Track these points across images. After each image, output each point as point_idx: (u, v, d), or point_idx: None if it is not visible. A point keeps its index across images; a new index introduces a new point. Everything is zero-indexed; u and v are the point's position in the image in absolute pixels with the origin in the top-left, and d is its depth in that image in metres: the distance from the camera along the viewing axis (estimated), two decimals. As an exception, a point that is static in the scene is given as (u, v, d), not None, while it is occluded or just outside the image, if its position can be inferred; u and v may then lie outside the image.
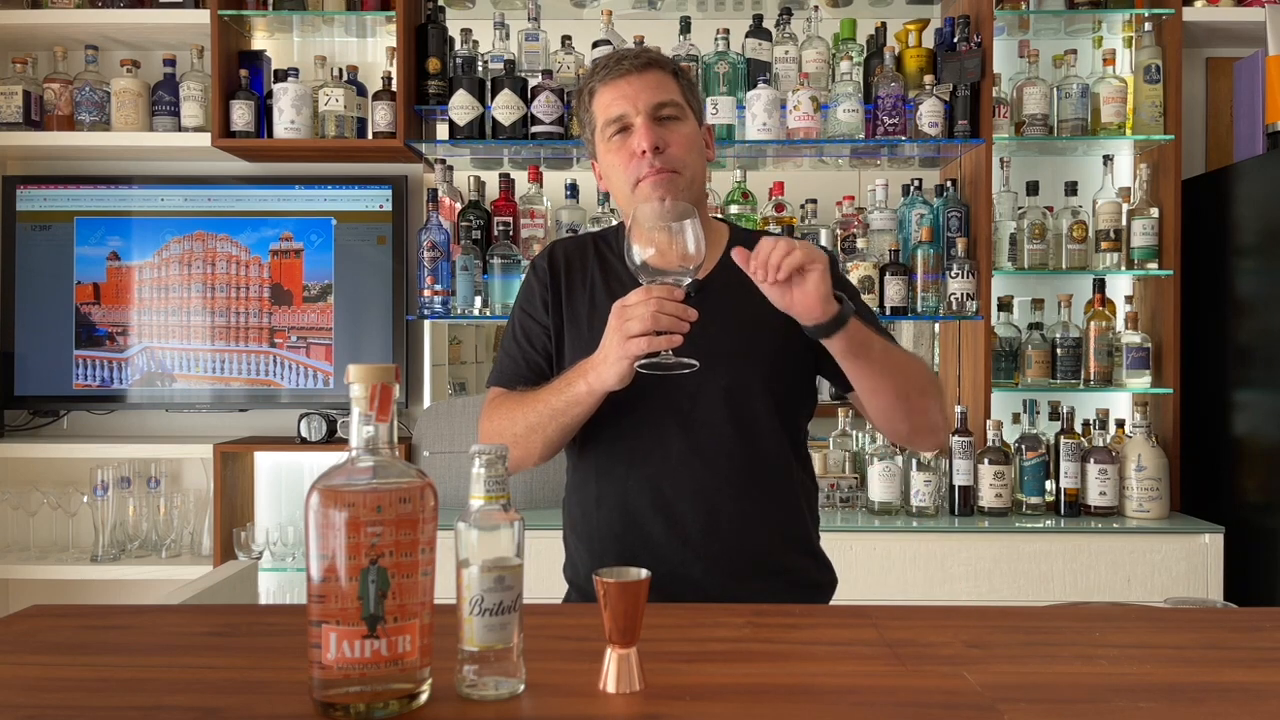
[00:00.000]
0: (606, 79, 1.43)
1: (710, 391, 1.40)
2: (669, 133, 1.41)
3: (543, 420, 1.36)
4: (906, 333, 4.15)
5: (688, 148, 1.42)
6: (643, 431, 1.41)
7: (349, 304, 2.89)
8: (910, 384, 1.37)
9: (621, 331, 1.24)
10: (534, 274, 1.52)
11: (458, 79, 2.75)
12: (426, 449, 2.79)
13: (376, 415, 0.85)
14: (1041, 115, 2.76)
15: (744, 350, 1.38)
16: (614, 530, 1.43)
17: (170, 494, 2.85)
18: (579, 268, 1.50)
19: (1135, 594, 2.45)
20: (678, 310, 1.23)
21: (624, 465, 1.43)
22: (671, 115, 1.42)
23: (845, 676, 0.95)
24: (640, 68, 1.42)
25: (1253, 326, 2.57)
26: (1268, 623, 1.16)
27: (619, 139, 1.42)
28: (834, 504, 2.71)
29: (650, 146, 1.38)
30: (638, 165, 1.39)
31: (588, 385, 1.31)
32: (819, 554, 1.52)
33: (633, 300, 1.24)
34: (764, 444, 1.43)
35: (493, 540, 0.88)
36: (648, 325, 1.22)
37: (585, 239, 1.56)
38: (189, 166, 3.00)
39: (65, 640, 1.08)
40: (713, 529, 1.40)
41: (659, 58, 1.46)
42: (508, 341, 1.53)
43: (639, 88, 1.41)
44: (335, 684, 0.82)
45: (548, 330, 1.49)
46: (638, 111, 1.40)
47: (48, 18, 2.81)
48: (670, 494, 1.40)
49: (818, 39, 2.82)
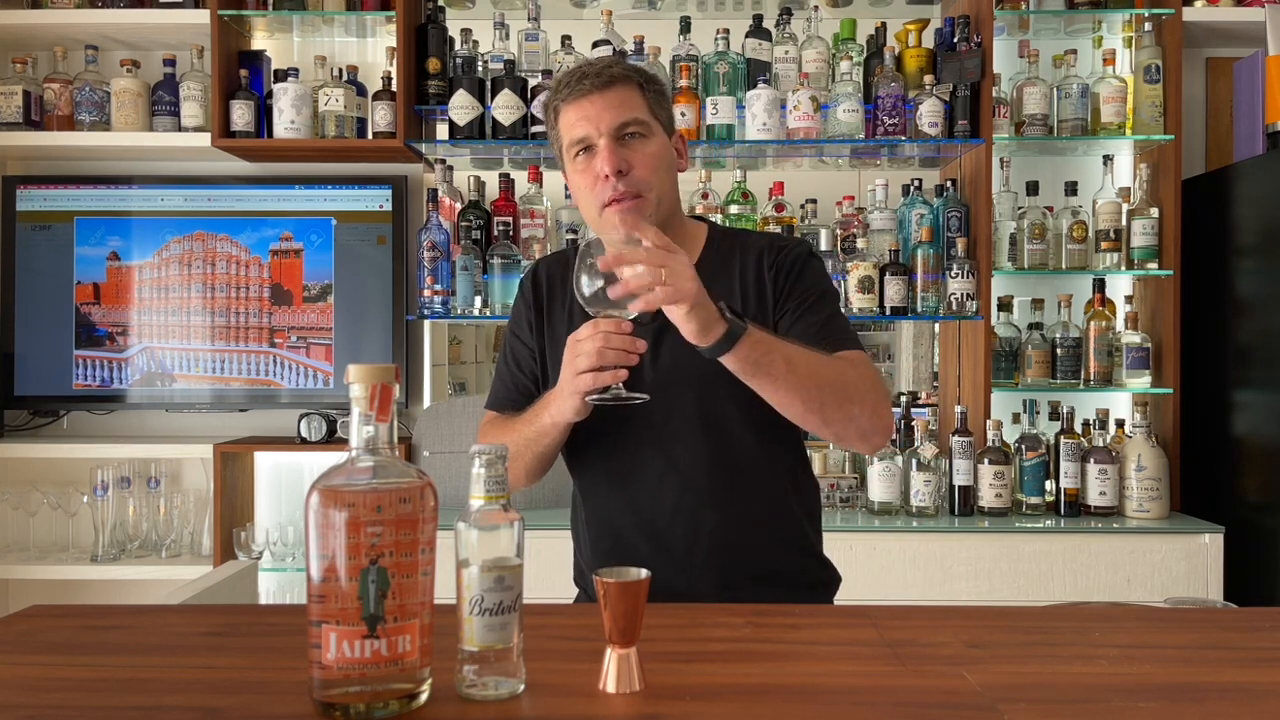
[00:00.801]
0: (569, 98, 1.40)
1: (681, 406, 1.39)
2: (633, 153, 1.38)
3: (519, 449, 1.37)
4: (906, 333, 4.14)
5: (653, 167, 1.39)
6: (621, 454, 1.42)
7: (349, 304, 2.89)
8: (827, 394, 1.31)
9: (571, 366, 1.25)
10: (520, 295, 1.53)
11: (458, 79, 2.75)
12: (426, 449, 2.79)
13: (376, 415, 0.85)
14: (1041, 115, 2.76)
15: (710, 361, 1.33)
16: (603, 548, 1.45)
17: (170, 494, 2.85)
18: (559, 286, 1.49)
19: (1135, 594, 2.45)
20: (625, 344, 1.23)
21: (605, 486, 1.44)
22: (636, 133, 1.39)
23: (845, 676, 0.96)
24: (603, 86, 1.38)
25: (1253, 326, 2.57)
26: (1268, 623, 1.16)
27: (583, 159, 1.40)
28: (834, 504, 2.71)
29: (613, 170, 1.36)
30: (602, 189, 1.37)
31: (550, 418, 1.33)
32: (817, 553, 1.52)
33: (582, 335, 1.25)
34: (740, 453, 1.42)
35: (493, 540, 0.88)
36: (593, 361, 1.23)
37: (567, 255, 1.54)
38: (189, 166, 3.00)
39: (65, 640, 1.08)
40: (696, 544, 1.40)
41: (622, 71, 1.41)
42: (500, 365, 1.55)
43: (601, 107, 1.38)
44: (335, 684, 0.82)
45: (534, 353, 1.49)
46: (600, 133, 1.37)
47: (48, 18, 2.81)
48: (651, 513, 1.41)
49: (818, 39, 2.82)
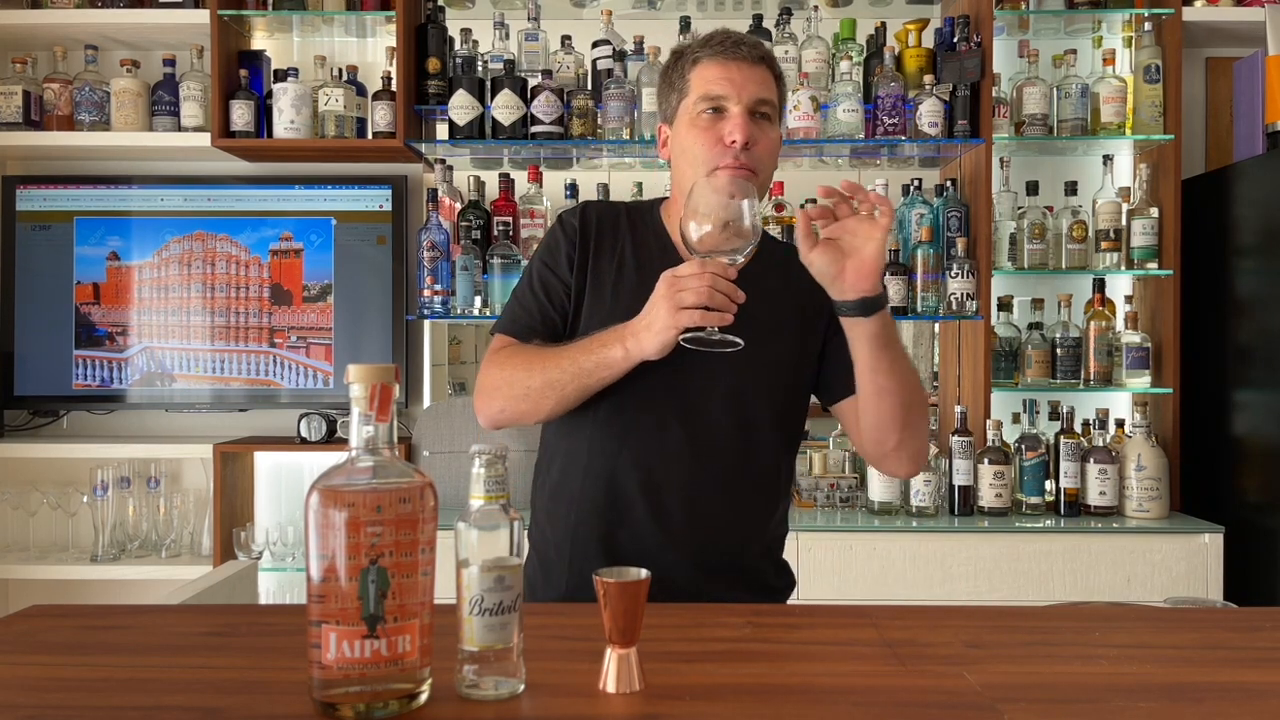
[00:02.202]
0: (718, 54, 1.40)
1: (715, 390, 1.40)
2: (761, 132, 1.39)
3: (564, 378, 1.33)
4: (906, 333, 4.15)
5: (772, 151, 1.41)
6: (643, 415, 1.40)
7: (349, 304, 2.89)
8: (913, 395, 1.35)
9: (673, 301, 1.22)
10: (561, 229, 1.48)
11: (458, 79, 2.75)
12: (426, 449, 2.79)
13: (376, 415, 0.84)
14: (1041, 115, 2.76)
15: (754, 353, 1.33)
16: (597, 503, 1.42)
17: (170, 494, 2.85)
18: (609, 233, 1.47)
19: (1135, 594, 2.45)
20: (730, 289, 1.22)
21: (617, 442, 1.42)
22: (767, 115, 1.40)
23: (845, 676, 0.96)
24: (755, 59, 1.40)
25: (1253, 326, 2.57)
26: (1268, 623, 1.16)
27: (709, 117, 1.39)
28: (834, 504, 2.71)
29: (744, 140, 1.36)
30: (721, 152, 1.37)
31: (624, 350, 1.29)
32: (780, 560, 1.53)
33: (686, 272, 1.23)
34: (760, 449, 1.43)
35: (493, 540, 0.88)
36: (702, 298, 1.21)
37: (619, 206, 1.54)
38: (189, 166, 3.00)
39: (65, 640, 1.08)
40: (694, 523, 1.40)
41: (769, 55, 1.43)
42: (522, 291, 1.48)
43: (748, 77, 1.39)
44: (335, 684, 0.82)
45: (568, 288, 1.45)
46: (739, 100, 1.37)
47: (48, 18, 2.81)
48: (659, 481, 1.40)
49: (818, 39, 2.82)
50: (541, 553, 1.47)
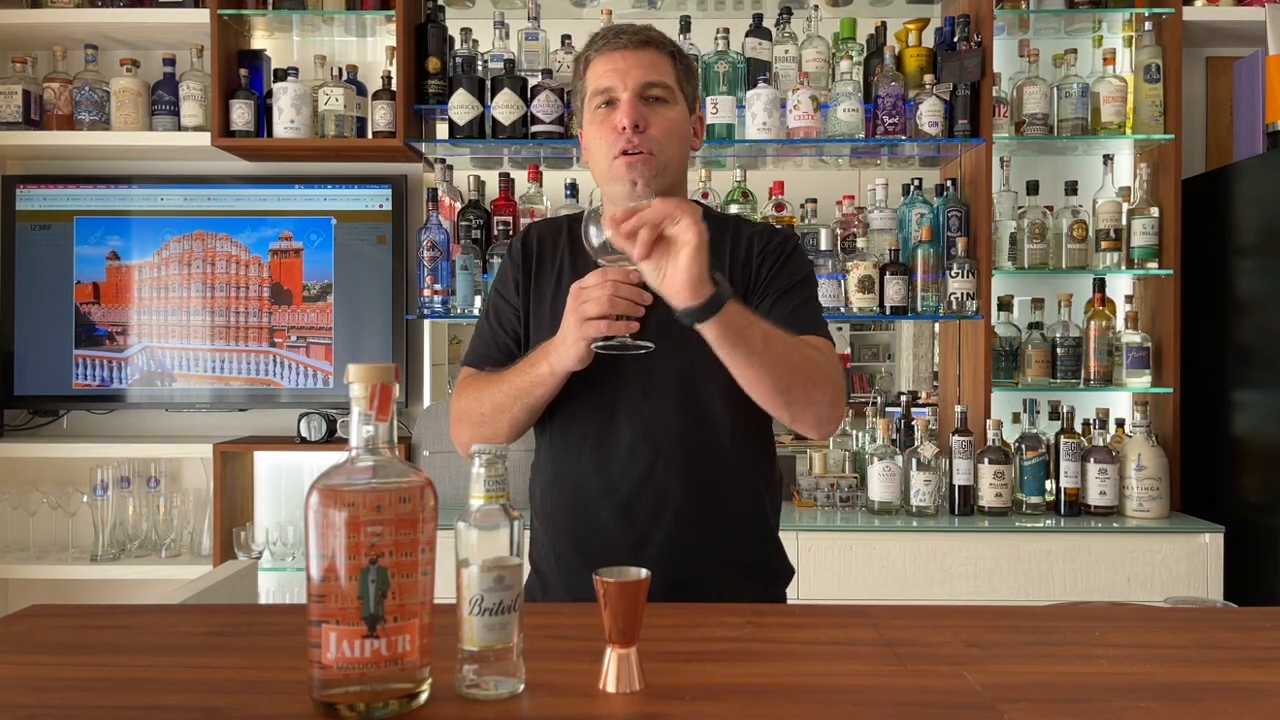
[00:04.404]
0: (602, 50, 1.43)
1: (662, 375, 1.40)
2: (653, 113, 1.40)
3: (508, 400, 1.38)
4: (906, 332, 4.14)
5: (669, 131, 1.41)
6: (596, 414, 1.42)
7: (349, 304, 2.89)
8: (795, 375, 1.32)
9: (578, 313, 1.26)
10: (508, 255, 1.53)
11: (458, 78, 2.75)
12: (426, 449, 2.79)
13: (376, 415, 0.85)
14: (1041, 115, 2.76)
15: (693, 332, 1.28)
16: (567, 512, 1.44)
17: (170, 494, 2.85)
18: (550, 250, 1.51)
19: (1135, 594, 2.45)
20: (633, 294, 1.24)
21: (577, 448, 1.43)
22: (659, 97, 1.41)
23: (845, 676, 0.96)
24: (637, 45, 1.41)
25: (1253, 326, 2.57)
26: (1268, 623, 1.16)
27: (603, 111, 1.42)
28: (834, 504, 2.71)
29: (631, 124, 1.37)
30: (617, 140, 1.39)
31: (549, 366, 1.33)
32: (776, 541, 1.52)
33: (589, 283, 1.26)
34: (715, 431, 1.42)
35: (493, 540, 0.88)
36: (604, 308, 1.24)
37: (560, 221, 1.56)
38: (189, 166, 3.00)
39: (65, 640, 1.08)
40: (660, 516, 1.39)
41: (658, 37, 1.45)
42: (481, 322, 1.55)
43: (631, 64, 1.40)
44: (335, 684, 0.82)
45: (518, 312, 1.49)
46: (625, 87, 1.39)
47: (47, 17, 2.81)
48: (618, 479, 1.40)
49: (818, 38, 2.82)
50: (536, 565, 1.49)
